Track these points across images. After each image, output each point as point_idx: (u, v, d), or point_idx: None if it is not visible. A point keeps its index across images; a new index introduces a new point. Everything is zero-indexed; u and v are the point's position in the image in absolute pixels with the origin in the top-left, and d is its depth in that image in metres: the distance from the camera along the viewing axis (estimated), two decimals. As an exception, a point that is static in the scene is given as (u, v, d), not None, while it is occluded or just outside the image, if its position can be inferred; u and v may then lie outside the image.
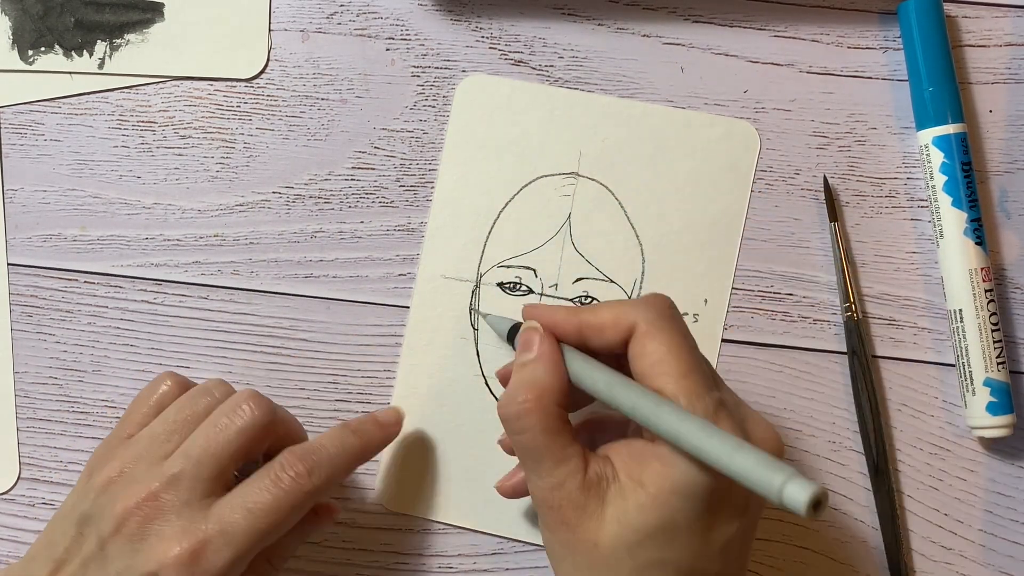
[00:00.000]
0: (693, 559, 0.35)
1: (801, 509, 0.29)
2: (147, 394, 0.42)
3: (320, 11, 0.47)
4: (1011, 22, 0.46)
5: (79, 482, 0.41)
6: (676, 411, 0.34)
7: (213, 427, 0.39)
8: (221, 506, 0.38)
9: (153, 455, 0.39)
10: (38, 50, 0.47)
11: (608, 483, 0.36)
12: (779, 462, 0.30)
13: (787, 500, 0.29)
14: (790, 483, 0.29)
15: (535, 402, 0.36)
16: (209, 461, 0.39)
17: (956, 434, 0.46)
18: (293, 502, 0.38)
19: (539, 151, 0.46)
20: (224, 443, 0.39)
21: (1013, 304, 0.46)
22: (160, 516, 0.38)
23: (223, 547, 0.37)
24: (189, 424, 0.40)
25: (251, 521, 0.37)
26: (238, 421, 0.39)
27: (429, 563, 0.46)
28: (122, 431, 0.41)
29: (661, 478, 0.34)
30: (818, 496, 0.29)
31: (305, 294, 0.47)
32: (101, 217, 0.47)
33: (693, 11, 0.46)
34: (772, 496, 0.30)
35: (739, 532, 0.36)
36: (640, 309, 0.37)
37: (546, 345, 0.38)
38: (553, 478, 0.36)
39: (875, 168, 0.46)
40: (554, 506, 0.36)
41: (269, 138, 0.47)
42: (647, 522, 0.34)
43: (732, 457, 0.31)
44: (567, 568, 0.37)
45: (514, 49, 0.47)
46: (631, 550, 0.35)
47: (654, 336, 0.36)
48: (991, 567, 0.45)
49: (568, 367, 0.38)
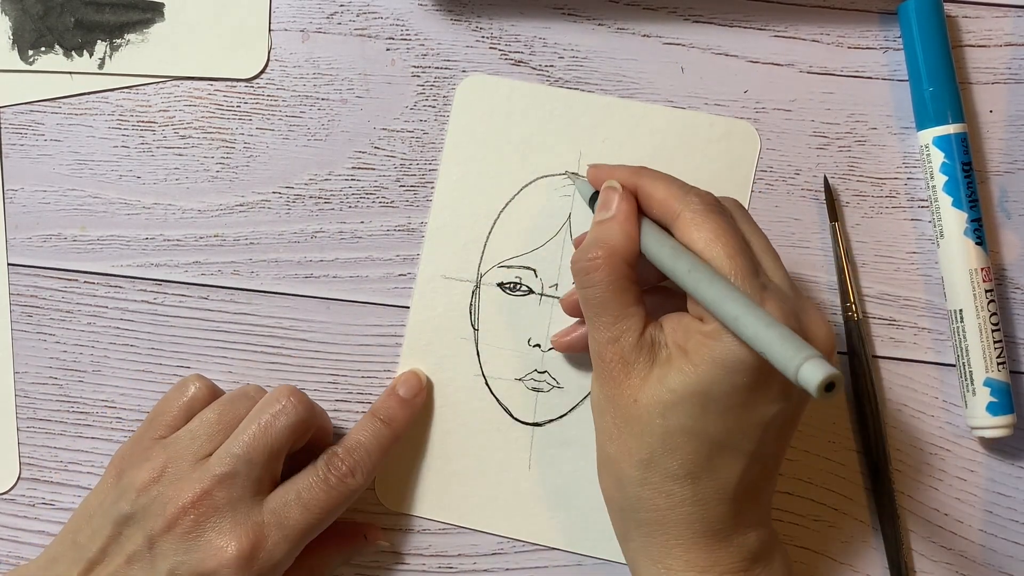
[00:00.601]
0: (726, 433, 0.36)
1: (812, 389, 0.29)
2: (175, 396, 0.43)
3: (320, 11, 0.47)
4: (1011, 22, 0.46)
5: (105, 482, 0.41)
6: (721, 283, 0.34)
7: (258, 425, 0.40)
8: (274, 501, 0.40)
9: (195, 455, 0.40)
10: (38, 50, 0.47)
11: (659, 348, 0.37)
12: (804, 343, 0.31)
13: (801, 378, 0.30)
14: (808, 363, 0.30)
15: (605, 259, 0.38)
16: (259, 459, 0.40)
17: (956, 434, 0.46)
18: (340, 499, 0.40)
19: (539, 151, 0.46)
20: (273, 440, 0.40)
21: (1013, 304, 0.46)
22: (215, 513, 0.39)
23: (281, 541, 0.39)
24: (230, 428, 0.41)
25: (306, 516, 0.39)
26: (283, 419, 0.41)
27: (429, 563, 0.46)
28: (152, 432, 0.42)
29: (704, 348, 0.35)
30: (832, 379, 0.29)
31: (305, 294, 0.47)
32: (101, 217, 0.47)
33: (693, 11, 0.46)
34: (789, 372, 0.30)
35: (778, 417, 0.36)
36: (690, 198, 0.37)
37: (623, 205, 0.39)
38: (611, 332, 0.37)
39: (875, 168, 0.46)
40: (607, 359, 0.37)
41: (269, 138, 0.47)
42: (685, 386, 0.35)
43: (759, 331, 0.32)
44: (607, 421, 0.38)
45: (514, 49, 0.47)
46: (665, 412, 0.36)
47: (699, 224, 0.36)
48: (991, 567, 0.45)
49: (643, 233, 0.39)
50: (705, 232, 0.36)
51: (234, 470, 0.39)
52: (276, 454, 0.40)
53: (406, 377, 0.45)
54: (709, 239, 0.36)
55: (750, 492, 0.37)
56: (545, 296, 0.46)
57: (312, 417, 0.41)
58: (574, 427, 0.46)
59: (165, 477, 0.40)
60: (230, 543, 0.38)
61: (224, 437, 0.41)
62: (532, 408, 0.46)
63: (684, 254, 0.36)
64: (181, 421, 0.42)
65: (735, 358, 0.34)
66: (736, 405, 0.35)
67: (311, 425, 0.42)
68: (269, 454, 0.40)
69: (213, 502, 0.39)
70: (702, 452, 0.36)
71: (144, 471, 0.40)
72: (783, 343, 0.31)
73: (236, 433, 0.41)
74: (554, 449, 0.46)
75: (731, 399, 0.35)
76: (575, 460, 0.45)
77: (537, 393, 0.46)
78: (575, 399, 0.46)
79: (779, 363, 0.31)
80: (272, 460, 0.40)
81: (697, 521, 0.36)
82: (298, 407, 0.41)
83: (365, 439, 0.42)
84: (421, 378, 0.45)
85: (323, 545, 0.44)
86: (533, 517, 0.46)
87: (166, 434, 0.42)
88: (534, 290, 0.46)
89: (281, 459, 0.41)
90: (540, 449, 0.46)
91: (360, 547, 0.45)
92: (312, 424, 0.42)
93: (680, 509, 0.36)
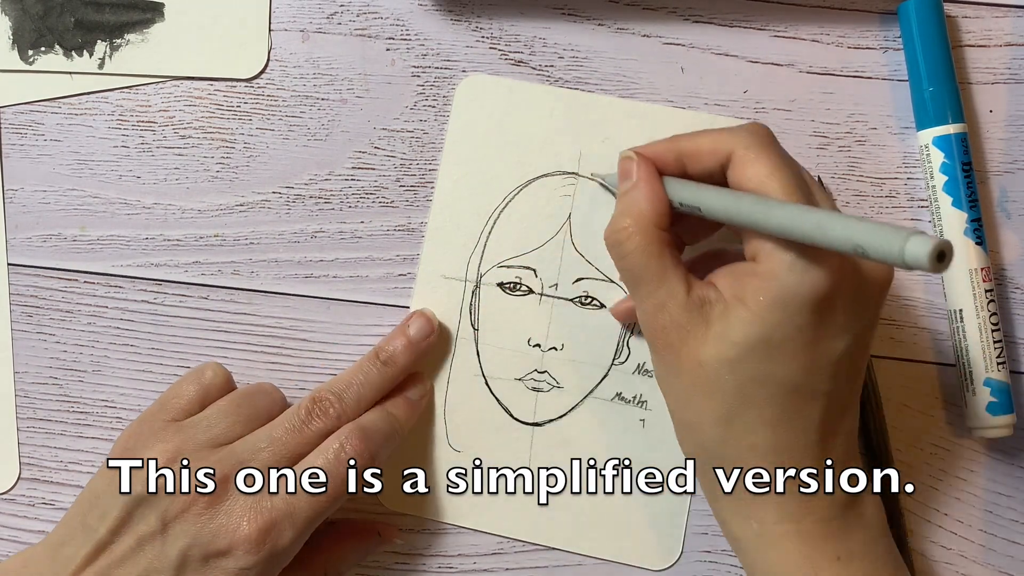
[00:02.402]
0: (798, 375, 0.35)
1: (924, 262, 0.28)
2: (191, 381, 0.43)
3: (320, 11, 0.47)
4: (1011, 22, 0.46)
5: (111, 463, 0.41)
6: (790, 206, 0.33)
7: (291, 428, 0.41)
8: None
9: (211, 442, 0.41)
10: (38, 50, 0.47)
11: (712, 305, 0.36)
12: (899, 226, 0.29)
13: (909, 254, 0.28)
14: (913, 238, 0.29)
15: (635, 226, 0.37)
16: (284, 456, 0.40)
17: (956, 434, 0.46)
18: (346, 487, 0.40)
19: (539, 151, 0.46)
20: (301, 443, 0.41)
21: (1013, 304, 0.46)
22: (230, 496, 0.39)
23: (288, 528, 0.39)
24: (248, 420, 0.41)
25: (313, 504, 0.39)
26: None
27: (429, 563, 0.46)
28: (163, 414, 0.42)
29: (760, 292, 0.34)
30: (942, 247, 0.28)
31: (305, 294, 0.47)
32: (101, 217, 0.47)
33: (693, 11, 0.46)
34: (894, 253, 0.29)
35: (848, 350, 0.35)
36: (738, 135, 0.37)
37: (643, 170, 0.38)
38: (655, 299, 0.36)
39: (875, 168, 0.46)
40: (658, 328, 0.36)
41: (269, 138, 0.47)
42: (747, 336, 0.34)
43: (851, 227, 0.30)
44: (676, 393, 0.37)
45: (514, 49, 0.47)
46: (732, 366, 0.35)
47: (753, 161, 0.36)
48: (991, 567, 0.45)
49: (669, 189, 0.38)
50: (761, 167, 0.35)
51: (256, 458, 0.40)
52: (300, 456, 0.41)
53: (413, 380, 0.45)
54: (765, 176, 0.35)
55: (832, 432, 0.37)
56: (545, 296, 0.46)
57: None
58: (574, 427, 0.46)
59: (179, 460, 0.40)
60: (241, 524, 0.38)
61: (243, 429, 0.41)
62: (532, 408, 0.46)
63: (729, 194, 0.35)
64: (196, 407, 0.42)
65: (795, 294, 0.34)
66: (803, 345, 0.34)
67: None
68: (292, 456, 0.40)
69: (228, 485, 0.39)
70: (777, 399, 0.35)
71: (156, 452, 0.40)
72: (879, 230, 0.30)
73: (269, 427, 0.41)
74: (554, 449, 0.46)
75: (798, 338, 0.34)
76: (575, 460, 0.45)
77: (537, 393, 0.46)
78: (575, 399, 0.46)
79: (882, 249, 0.29)
80: (295, 460, 0.40)
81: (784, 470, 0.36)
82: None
83: (380, 425, 0.42)
84: (427, 386, 0.45)
85: (338, 543, 0.44)
86: (533, 517, 0.46)
87: (180, 417, 0.42)
88: (534, 290, 0.46)
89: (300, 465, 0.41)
90: (540, 449, 0.46)
91: (375, 545, 0.45)
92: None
93: (766, 459, 0.36)
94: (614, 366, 0.46)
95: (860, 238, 0.30)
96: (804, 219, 0.32)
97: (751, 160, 0.36)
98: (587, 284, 0.46)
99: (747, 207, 0.34)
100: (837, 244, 0.31)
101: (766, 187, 0.35)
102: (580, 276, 0.46)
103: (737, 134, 0.37)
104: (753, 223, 0.34)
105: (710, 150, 0.37)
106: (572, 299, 0.46)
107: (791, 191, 0.35)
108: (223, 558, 0.38)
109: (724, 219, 0.36)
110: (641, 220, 0.37)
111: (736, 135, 0.37)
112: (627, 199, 0.38)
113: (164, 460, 0.39)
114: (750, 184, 0.35)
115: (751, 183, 0.35)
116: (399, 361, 0.43)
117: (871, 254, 0.30)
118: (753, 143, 0.36)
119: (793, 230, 0.33)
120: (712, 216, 0.36)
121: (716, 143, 0.37)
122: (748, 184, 0.35)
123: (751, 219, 0.34)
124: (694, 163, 0.38)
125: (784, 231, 0.33)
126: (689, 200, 0.37)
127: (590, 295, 0.46)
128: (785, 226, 0.33)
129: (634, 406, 0.46)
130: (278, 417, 0.42)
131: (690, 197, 0.37)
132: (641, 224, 0.37)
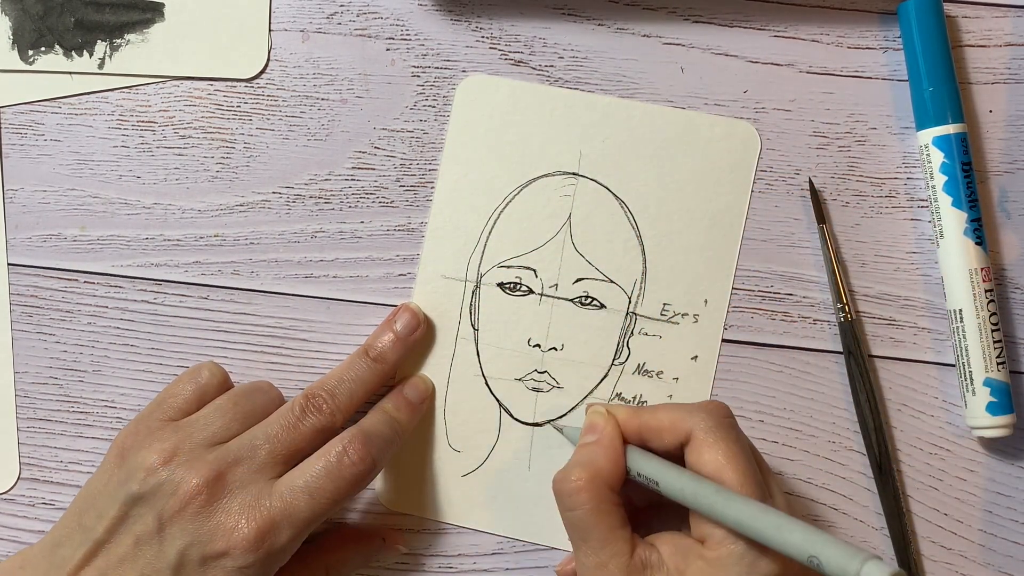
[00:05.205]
0: None
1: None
2: (187, 380, 0.43)
3: (320, 11, 0.47)
4: (1011, 22, 0.46)
5: (108, 463, 0.41)
6: (751, 502, 0.34)
7: (286, 425, 0.41)
8: (283, 486, 0.40)
9: (208, 441, 0.41)
10: (38, 50, 0.47)
11: (653, 570, 0.36)
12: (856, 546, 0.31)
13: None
14: (870, 563, 0.30)
15: (588, 481, 0.38)
16: (282, 453, 0.40)
17: (956, 434, 0.46)
18: (350, 489, 0.40)
19: (539, 151, 0.46)
20: (297, 440, 0.41)
21: (1013, 304, 0.46)
22: (227, 495, 0.39)
23: (286, 528, 0.39)
24: (245, 419, 0.41)
25: (312, 506, 0.39)
26: (311, 420, 0.41)
27: (429, 563, 0.46)
28: (160, 413, 0.42)
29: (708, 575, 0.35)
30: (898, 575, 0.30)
31: (305, 294, 0.47)
32: (101, 217, 0.47)
33: (693, 11, 0.46)
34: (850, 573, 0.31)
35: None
36: (698, 416, 0.38)
37: (609, 430, 0.39)
38: (598, 557, 0.37)
39: (875, 168, 0.46)
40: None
41: (269, 138, 0.47)
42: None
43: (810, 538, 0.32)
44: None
45: (514, 49, 0.47)
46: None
47: (711, 445, 0.37)
48: (991, 567, 0.45)
49: (631, 459, 0.39)
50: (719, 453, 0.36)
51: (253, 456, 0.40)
52: (296, 453, 0.41)
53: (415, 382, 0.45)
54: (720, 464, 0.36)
55: None
56: (545, 296, 0.46)
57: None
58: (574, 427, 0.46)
59: (177, 459, 0.39)
60: (239, 525, 0.38)
61: (239, 427, 0.41)
62: (532, 408, 0.46)
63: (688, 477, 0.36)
64: (193, 406, 0.42)
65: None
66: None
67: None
68: (289, 453, 0.40)
69: (225, 484, 0.39)
70: None
71: (154, 451, 0.40)
72: (837, 547, 0.31)
73: (264, 424, 0.41)
74: (554, 449, 0.46)
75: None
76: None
77: (537, 393, 0.46)
78: (575, 399, 0.46)
79: (837, 567, 0.31)
80: (292, 457, 0.41)
81: None
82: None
83: (382, 428, 0.42)
84: (428, 386, 0.45)
85: (341, 545, 0.44)
86: (533, 517, 0.46)
87: (177, 417, 0.42)
88: (534, 290, 0.46)
89: (301, 457, 0.41)
90: (540, 449, 0.46)
91: (378, 550, 0.45)
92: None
93: None
94: (614, 366, 0.46)
95: (817, 550, 0.32)
96: (763, 520, 0.33)
97: (709, 445, 0.37)
98: (587, 284, 0.46)
99: (706, 496, 0.35)
100: (793, 551, 0.33)
101: (722, 474, 0.36)
102: (580, 276, 0.46)
103: (696, 414, 0.38)
104: (711, 512, 0.35)
105: (670, 428, 0.38)
106: (572, 299, 0.46)
107: (747, 483, 0.36)
108: (221, 558, 0.38)
109: (681, 501, 0.37)
110: (595, 479, 0.38)
111: (696, 415, 0.38)
112: (587, 452, 0.39)
113: (161, 460, 0.39)
114: (707, 468, 0.37)
115: (707, 468, 0.36)
116: (388, 358, 0.44)
117: (825, 569, 0.31)
118: (712, 426, 0.37)
119: (750, 528, 0.34)
120: (670, 496, 0.37)
121: (676, 422, 0.38)
122: (705, 468, 0.37)
123: (710, 509, 0.35)
124: (655, 438, 0.39)
125: (741, 527, 0.34)
126: (650, 474, 0.38)
127: (590, 295, 0.46)
128: (743, 522, 0.34)
129: (634, 406, 0.46)
130: (272, 415, 0.42)
131: (651, 472, 0.38)
132: (595, 482, 0.38)
